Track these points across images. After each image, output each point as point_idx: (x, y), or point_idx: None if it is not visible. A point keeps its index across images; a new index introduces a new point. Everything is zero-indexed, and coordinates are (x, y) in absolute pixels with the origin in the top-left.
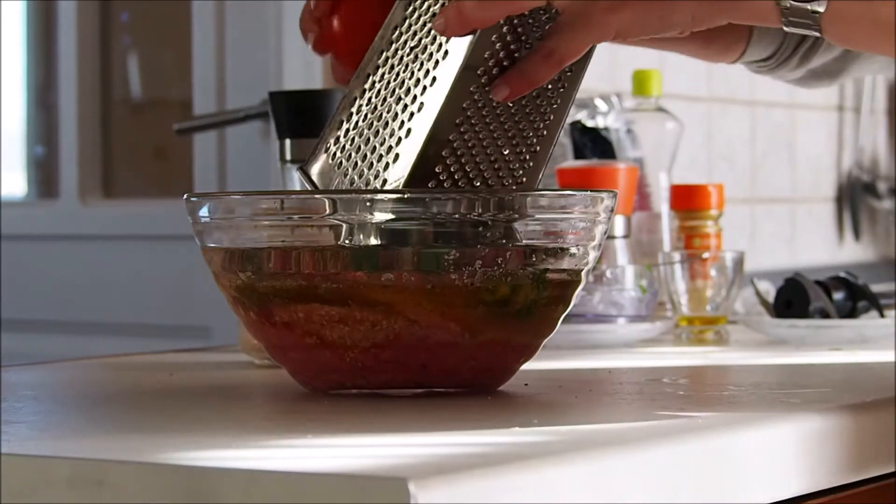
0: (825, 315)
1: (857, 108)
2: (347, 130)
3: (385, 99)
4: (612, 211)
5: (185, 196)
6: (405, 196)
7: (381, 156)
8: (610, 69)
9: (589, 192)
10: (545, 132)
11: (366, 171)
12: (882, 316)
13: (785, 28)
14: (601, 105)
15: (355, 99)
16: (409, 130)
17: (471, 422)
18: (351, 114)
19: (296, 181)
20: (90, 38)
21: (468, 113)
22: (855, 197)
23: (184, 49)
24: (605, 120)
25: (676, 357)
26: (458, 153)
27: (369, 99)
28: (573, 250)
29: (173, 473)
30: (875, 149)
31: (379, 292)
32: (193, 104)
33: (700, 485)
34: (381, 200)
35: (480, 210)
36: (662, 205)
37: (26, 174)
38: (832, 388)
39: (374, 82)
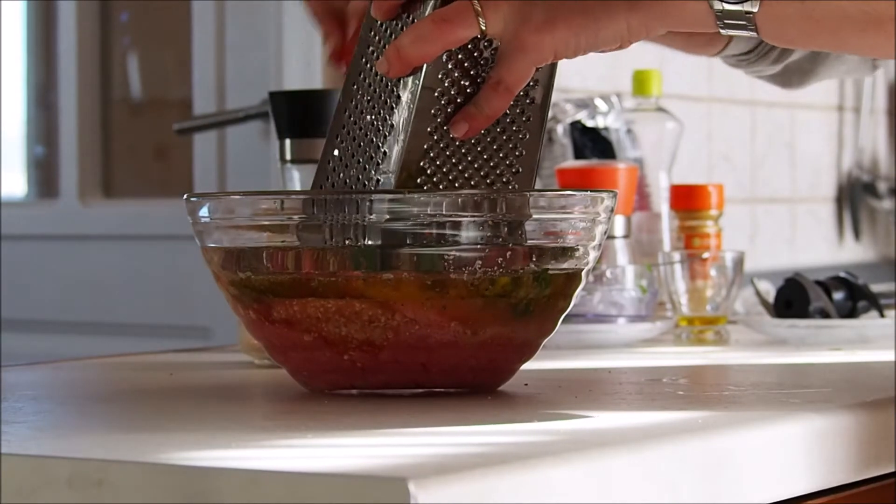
0: (825, 315)
1: (857, 108)
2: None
3: (353, 154)
4: (612, 211)
5: (185, 196)
6: (405, 196)
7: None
8: (610, 69)
9: (589, 192)
10: (524, 151)
11: None
12: (882, 316)
13: (721, 32)
14: (601, 105)
15: (329, 161)
16: (377, 182)
17: (471, 422)
18: (327, 175)
19: (295, 181)
20: (90, 38)
21: (431, 154)
22: (855, 197)
23: (184, 49)
24: (605, 120)
25: (676, 357)
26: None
27: (341, 157)
28: (573, 250)
29: (173, 473)
30: (875, 149)
31: (377, 290)
32: (193, 104)
33: (700, 485)
34: (382, 200)
35: (482, 210)
36: (662, 205)
37: (26, 174)
38: (832, 388)
39: (342, 140)
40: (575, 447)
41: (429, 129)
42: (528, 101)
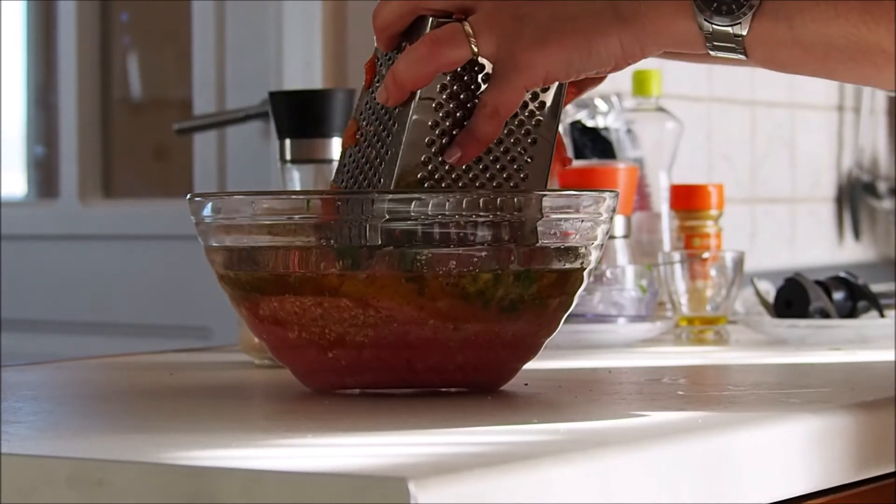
0: (825, 315)
1: (857, 108)
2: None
3: (362, 170)
4: (614, 210)
5: (188, 196)
6: (405, 196)
7: None
8: None
9: (592, 192)
10: (533, 156)
11: None
12: (882, 316)
13: (711, 53)
14: (601, 105)
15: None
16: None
17: (471, 422)
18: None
19: (296, 181)
20: (90, 38)
21: (430, 167)
22: (855, 197)
23: (184, 49)
24: (605, 120)
25: (676, 357)
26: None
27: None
28: (575, 250)
29: (173, 473)
30: (875, 149)
31: (352, 286)
32: (193, 104)
33: (700, 485)
34: (383, 200)
35: (484, 210)
36: (662, 205)
37: (26, 174)
38: (832, 388)
39: (345, 165)
40: (575, 447)
41: (426, 142)
42: (537, 104)
